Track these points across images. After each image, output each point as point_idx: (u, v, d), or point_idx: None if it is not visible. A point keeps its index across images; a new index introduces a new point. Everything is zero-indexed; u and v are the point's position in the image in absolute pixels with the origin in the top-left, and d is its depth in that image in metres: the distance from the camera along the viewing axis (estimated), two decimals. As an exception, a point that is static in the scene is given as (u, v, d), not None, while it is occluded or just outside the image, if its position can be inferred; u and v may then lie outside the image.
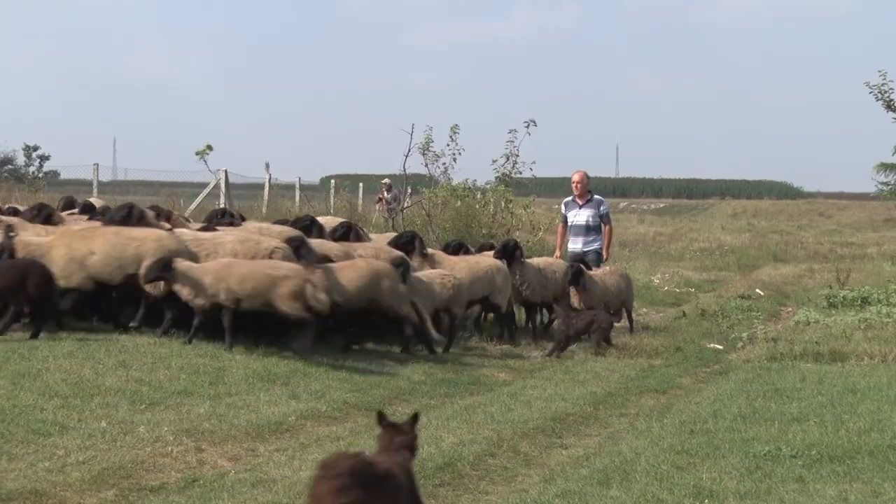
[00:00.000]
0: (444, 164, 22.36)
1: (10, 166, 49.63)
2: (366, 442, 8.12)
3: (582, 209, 16.38)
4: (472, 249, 15.73)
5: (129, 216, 12.46)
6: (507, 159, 22.33)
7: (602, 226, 16.36)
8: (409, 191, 26.50)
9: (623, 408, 10.42)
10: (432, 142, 21.76)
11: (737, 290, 22.87)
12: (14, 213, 14.25)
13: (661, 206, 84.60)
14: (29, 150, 56.93)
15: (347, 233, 14.41)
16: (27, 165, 51.15)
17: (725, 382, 11.73)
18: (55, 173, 47.78)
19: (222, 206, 28.96)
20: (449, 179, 23.05)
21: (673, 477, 7.29)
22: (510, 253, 14.51)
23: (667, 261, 31.73)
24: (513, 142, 22.07)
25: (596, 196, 16.55)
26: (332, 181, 36.58)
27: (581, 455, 8.29)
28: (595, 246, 16.28)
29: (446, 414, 9.50)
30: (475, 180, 24.01)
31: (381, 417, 5.40)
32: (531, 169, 22.85)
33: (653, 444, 8.35)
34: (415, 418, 5.45)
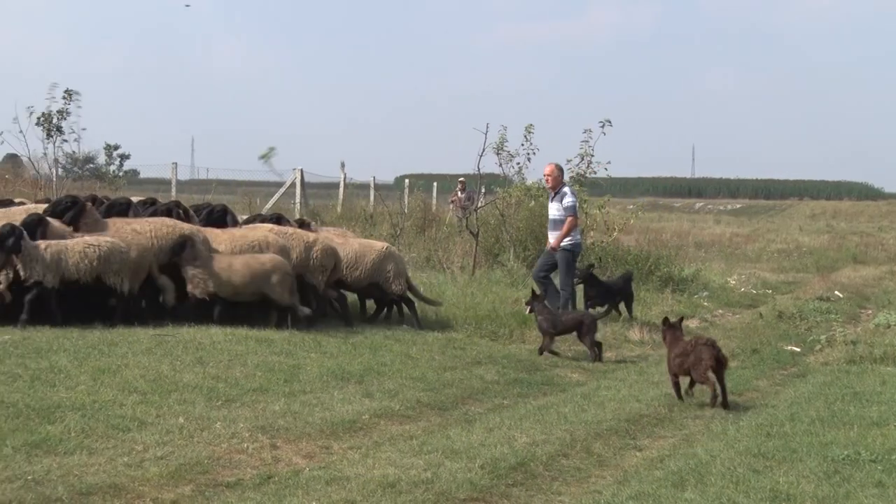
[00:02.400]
0: (518, 163, 22.29)
1: (91, 165, 50.47)
2: (439, 441, 8.15)
3: (553, 202, 16.21)
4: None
5: None
6: (582, 159, 22.21)
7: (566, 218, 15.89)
8: (483, 190, 26.51)
9: (698, 409, 10.32)
10: (506, 141, 21.72)
11: (815, 291, 22.55)
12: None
13: (738, 206, 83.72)
14: (110, 148, 57.82)
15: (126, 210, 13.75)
16: (108, 164, 51.92)
17: (803, 385, 11.58)
18: (135, 172, 48.56)
19: (297, 205, 29.22)
20: (523, 179, 22.99)
21: (749, 480, 7.21)
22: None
23: (743, 262, 31.40)
24: (588, 141, 21.95)
25: (565, 188, 16.20)
26: (407, 180, 36.67)
27: (655, 457, 8.22)
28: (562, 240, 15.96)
29: (519, 414, 9.49)
30: (549, 180, 23.90)
31: (666, 320, 10.88)
32: (606, 169, 22.71)
33: (728, 447, 8.26)
34: (681, 319, 10.95)
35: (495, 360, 12.22)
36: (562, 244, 15.75)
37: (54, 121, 23.48)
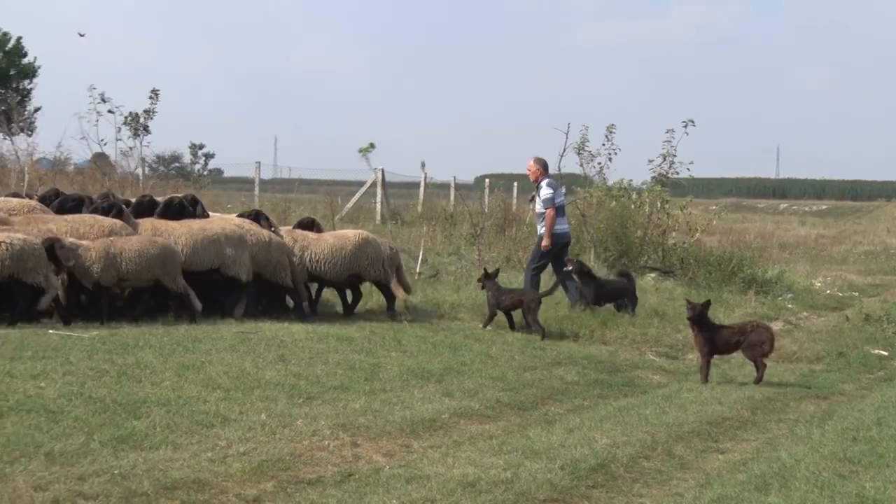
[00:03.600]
0: (599, 163, 22.27)
1: (176, 164, 51.36)
2: (518, 441, 8.13)
3: (535, 197, 16.32)
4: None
5: None
6: (664, 159, 22.11)
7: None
8: (564, 190, 26.42)
9: (782, 413, 10.18)
10: (588, 141, 21.67)
11: (903, 294, 22.12)
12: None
13: (824, 207, 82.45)
14: (195, 148, 58.92)
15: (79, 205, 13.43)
16: (193, 163, 52.83)
17: (890, 389, 11.36)
18: (219, 171, 49.32)
19: (378, 204, 29.39)
20: (604, 179, 22.94)
21: (834, 485, 7.08)
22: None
23: (829, 264, 30.89)
24: (670, 142, 21.85)
25: (543, 181, 16.09)
26: (487, 180, 36.67)
27: (738, 460, 8.12)
28: (541, 231, 16.01)
29: (599, 415, 9.43)
30: (631, 180, 23.86)
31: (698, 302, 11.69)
32: (688, 169, 22.61)
33: (813, 451, 8.13)
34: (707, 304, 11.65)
35: (575, 361, 12.17)
36: (540, 234, 15.95)
37: (141, 120, 23.91)
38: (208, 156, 60.21)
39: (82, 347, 9.94)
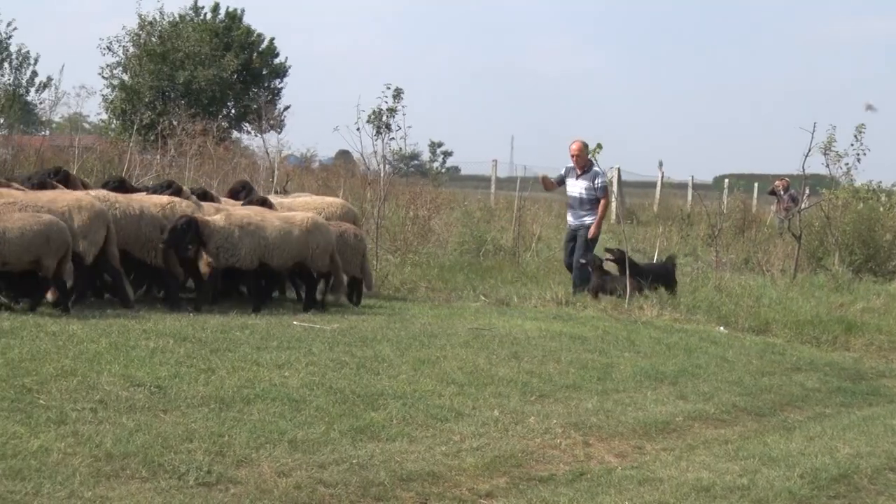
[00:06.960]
0: (846, 164, 21.40)
1: (416, 161, 52.59)
2: (755, 447, 7.94)
3: (578, 180, 15.75)
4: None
5: None
6: (918, 160, 21.13)
7: (598, 200, 15.65)
8: (808, 192, 25.63)
9: None
10: (835, 141, 20.88)
11: None
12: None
13: None
14: (434, 146, 60.17)
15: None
16: (431, 161, 53.94)
17: None
18: (456, 169, 50.27)
19: (613, 203, 29.18)
20: (851, 181, 22.10)
21: None
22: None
23: None
24: (924, 140, 20.86)
25: (595, 168, 15.72)
26: (726, 180, 35.93)
27: None
28: (587, 220, 15.59)
29: (842, 424, 9.09)
30: (880, 182, 22.90)
31: None
32: (946, 170, 21.53)
33: None
34: None
35: (817, 367, 11.77)
36: (585, 224, 15.59)
37: (384, 118, 24.50)
38: (446, 154, 61.35)
39: (324, 339, 10.28)
